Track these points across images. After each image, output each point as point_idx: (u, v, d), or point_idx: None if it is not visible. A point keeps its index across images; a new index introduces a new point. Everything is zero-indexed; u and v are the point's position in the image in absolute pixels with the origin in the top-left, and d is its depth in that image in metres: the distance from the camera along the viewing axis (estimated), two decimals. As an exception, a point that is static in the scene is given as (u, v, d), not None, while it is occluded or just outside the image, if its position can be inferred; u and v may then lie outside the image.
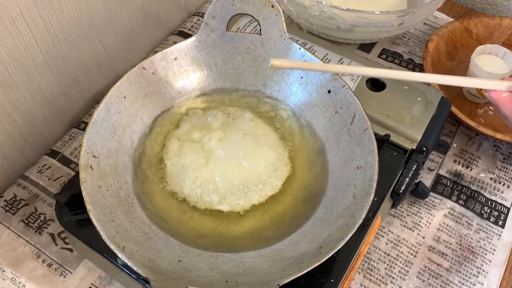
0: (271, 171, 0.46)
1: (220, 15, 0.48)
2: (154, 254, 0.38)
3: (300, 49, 0.49)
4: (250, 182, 0.45)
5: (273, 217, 0.44)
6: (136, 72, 0.47)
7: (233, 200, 0.44)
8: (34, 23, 0.49)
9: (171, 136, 0.48)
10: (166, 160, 0.47)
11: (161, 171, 0.47)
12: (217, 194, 0.44)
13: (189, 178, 0.45)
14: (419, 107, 0.54)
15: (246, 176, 0.45)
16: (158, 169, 0.47)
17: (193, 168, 0.45)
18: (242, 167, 0.45)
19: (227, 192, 0.45)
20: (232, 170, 0.45)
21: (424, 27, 0.74)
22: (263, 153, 0.46)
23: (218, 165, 0.45)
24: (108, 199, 0.40)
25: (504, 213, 0.56)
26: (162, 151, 0.48)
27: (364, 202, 0.39)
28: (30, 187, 0.56)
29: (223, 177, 0.45)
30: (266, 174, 0.46)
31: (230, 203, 0.45)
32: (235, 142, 0.47)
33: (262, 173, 0.46)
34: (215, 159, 0.45)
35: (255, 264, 0.38)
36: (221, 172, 0.45)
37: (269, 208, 0.45)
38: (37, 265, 0.50)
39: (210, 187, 0.44)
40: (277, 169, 0.46)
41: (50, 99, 0.57)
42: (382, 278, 0.51)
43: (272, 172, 0.46)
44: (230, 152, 0.46)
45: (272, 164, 0.46)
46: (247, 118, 0.49)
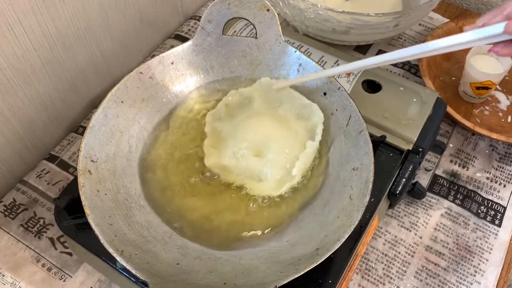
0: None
1: (216, 19, 0.49)
2: (152, 258, 0.38)
3: (295, 52, 0.49)
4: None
5: (270, 218, 0.45)
6: (133, 76, 0.47)
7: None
8: (31, 29, 0.49)
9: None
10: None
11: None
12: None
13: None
14: (414, 108, 0.54)
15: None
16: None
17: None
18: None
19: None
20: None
21: (419, 28, 0.75)
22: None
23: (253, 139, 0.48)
24: (106, 203, 0.41)
25: (500, 212, 0.57)
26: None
27: (360, 204, 0.39)
28: (29, 191, 0.56)
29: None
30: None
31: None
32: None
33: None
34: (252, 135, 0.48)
35: (253, 266, 0.39)
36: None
37: (268, 210, 0.46)
38: (37, 269, 0.51)
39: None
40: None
41: (48, 104, 0.57)
42: (380, 278, 0.52)
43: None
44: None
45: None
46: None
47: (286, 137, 0.48)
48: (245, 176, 0.47)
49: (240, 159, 0.47)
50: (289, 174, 0.46)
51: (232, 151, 0.47)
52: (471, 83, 0.63)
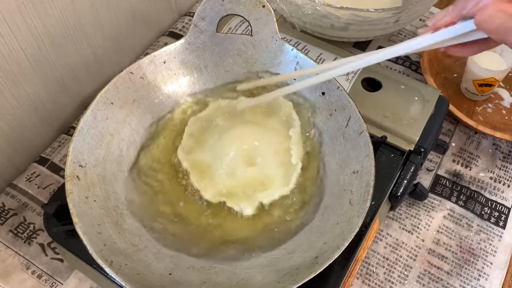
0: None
1: (210, 16, 0.47)
2: (143, 267, 0.37)
3: (292, 50, 0.48)
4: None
5: (266, 224, 0.43)
6: (124, 77, 0.46)
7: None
8: (18, 28, 0.47)
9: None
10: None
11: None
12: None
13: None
14: (416, 107, 0.53)
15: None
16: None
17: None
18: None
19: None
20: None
21: (420, 24, 0.73)
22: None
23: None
24: (95, 210, 0.39)
25: (504, 214, 0.55)
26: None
27: (361, 209, 0.38)
28: (18, 196, 0.54)
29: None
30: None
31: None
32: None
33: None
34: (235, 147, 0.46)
35: (248, 275, 0.37)
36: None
37: (262, 215, 0.44)
38: (27, 277, 0.49)
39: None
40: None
41: (37, 105, 0.55)
42: (381, 283, 0.50)
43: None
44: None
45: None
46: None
47: (267, 136, 0.47)
48: (252, 189, 0.45)
49: (237, 176, 0.45)
50: (290, 165, 0.45)
51: (224, 173, 0.45)
52: (474, 80, 0.61)
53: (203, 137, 0.48)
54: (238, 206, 0.44)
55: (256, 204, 0.44)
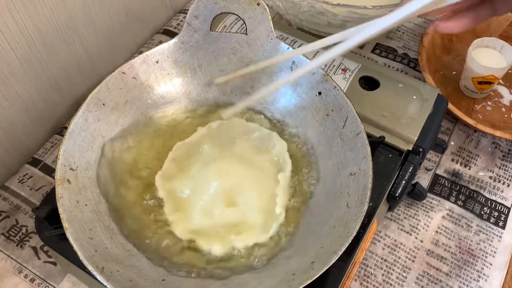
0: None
1: (203, 14, 0.46)
2: (136, 274, 0.36)
3: (288, 48, 0.46)
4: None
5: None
6: (116, 77, 0.44)
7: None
8: (7, 27, 0.46)
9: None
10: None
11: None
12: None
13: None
14: (414, 106, 0.52)
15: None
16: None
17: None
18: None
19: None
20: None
21: (419, 20, 0.72)
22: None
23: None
24: (86, 214, 0.38)
25: (504, 214, 0.54)
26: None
27: (358, 212, 0.37)
28: (10, 198, 0.54)
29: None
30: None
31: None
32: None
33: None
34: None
35: (243, 281, 0.36)
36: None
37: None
38: (19, 281, 0.48)
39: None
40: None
41: (29, 106, 0.54)
42: (379, 285, 0.49)
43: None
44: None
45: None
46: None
47: (254, 176, 0.43)
48: (226, 231, 0.41)
49: (214, 215, 0.41)
50: (273, 214, 0.42)
51: (201, 209, 0.42)
52: (473, 77, 0.60)
53: (187, 164, 0.45)
54: (208, 246, 0.40)
55: (228, 246, 0.40)
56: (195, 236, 0.41)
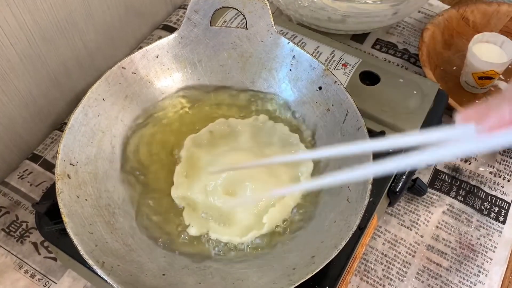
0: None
1: (203, 9, 0.46)
2: (136, 268, 0.36)
3: (288, 43, 0.46)
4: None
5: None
6: (115, 72, 0.44)
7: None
8: (6, 22, 0.46)
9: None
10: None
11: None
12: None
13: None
14: (415, 101, 0.52)
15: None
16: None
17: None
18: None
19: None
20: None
21: (419, 15, 0.72)
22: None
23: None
24: (87, 209, 0.38)
25: (504, 209, 0.54)
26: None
27: (359, 207, 0.37)
28: (10, 194, 0.53)
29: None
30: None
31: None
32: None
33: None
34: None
35: (244, 275, 0.36)
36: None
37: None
38: (20, 277, 0.48)
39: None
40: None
41: (29, 101, 0.54)
42: (380, 280, 0.49)
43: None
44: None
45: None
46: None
47: (265, 180, 0.42)
48: (210, 216, 0.41)
49: (210, 195, 0.42)
50: (259, 221, 0.41)
51: (203, 185, 0.42)
52: (473, 72, 0.60)
53: (218, 142, 0.45)
54: (187, 221, 0.41)
55: (203, 230, 0.41)
56: (185, 205, 0.42)
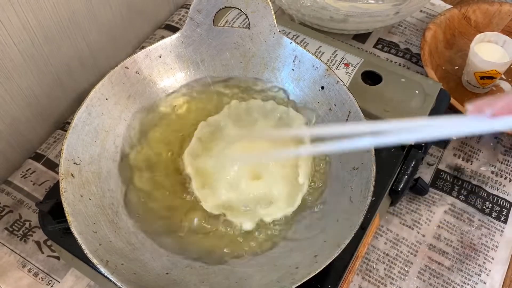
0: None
1: (206, 9, 0.46)
2: (140, 267, 0.36)
3: (291, 43, 0.46)
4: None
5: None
6: (119, 71, 0.45)
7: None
8: (10, 21, 0.46)
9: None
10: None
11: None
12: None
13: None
14: (417, 101, 0.52)
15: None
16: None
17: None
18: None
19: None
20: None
21: (421, 15, 0.72)
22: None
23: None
24: (90, 208, 0.38)
25: (506, 208, 0.54)
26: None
27: (361, 206, 0.37)
28: (14, 193, 0.54)
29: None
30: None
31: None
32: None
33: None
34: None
35: (247, 274, 0.37)
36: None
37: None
38: (23, 275, 0.49)
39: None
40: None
41: (32, 101, 0.54)
42: (382, 279, 0.49)
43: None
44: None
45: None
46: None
47: (275, 150, 0.44)
48: (255, 204, 0.42)
49: (241, 188, 0.42)
50: (297, 184, 0.43)
51: (227, 183, 0.43)
52: (475, 72, 0.60)
53: (211, 144, 0.45)
54: (238, 220, 0.42)
55: (257, 220, 0.42)
56: (224, 211, 0.42)
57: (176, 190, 0.44)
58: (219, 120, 0.47)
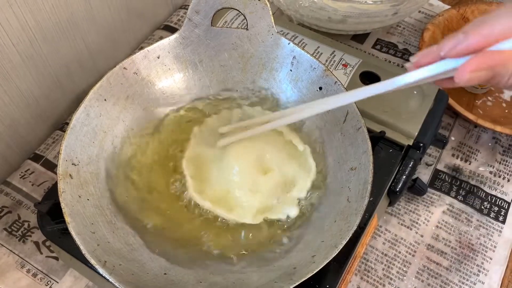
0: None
1: (204, 9, 0.46)
2: (138, 268, 0.36)
3: (289, 44, 0.47)
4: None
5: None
6: (117, 72, 0.45)
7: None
8: (8, 22, 0.46)
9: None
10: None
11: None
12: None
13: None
14: (415, 101, 0.52)
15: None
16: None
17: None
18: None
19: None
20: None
21: (419, 15, 0.72)
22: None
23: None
24: (89, 209, 0.38)
25: (504, 208, 0.54)
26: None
27: (358, 207, 0.37)
28: (13, 193, 0.54)
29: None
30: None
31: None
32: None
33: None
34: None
35: (245, 275, 0.37)
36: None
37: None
38: (21, 276, 0.49)
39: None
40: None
41: (30, 102, 0.54)
42: (380, 280, 0.49)
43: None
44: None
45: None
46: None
47: (273, 145, 0.45)
48: (283, 192, 0.43)
49: (261, 187, 0.43)
50: (301, 154, 0.45)
51: (247, 190, 0.43)
52: (474, 73, 0.60)
53: (210, 149, 0.45)
54: (281, 214, 0.42)
55: (296, 202, 0.43)
56: (264, 215, 0.42)
57: (175, 191, 0.44)
58: (213, 126, 0.47)
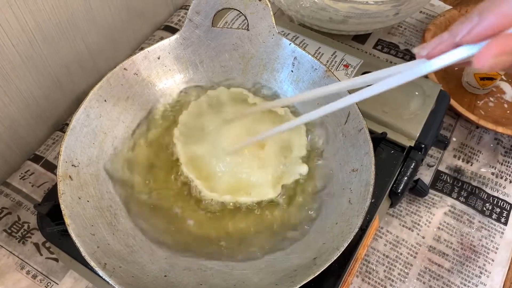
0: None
1: (205, 10, 0.46)
2: (138, 270, 0.36)
3: (290, 44, 0.46)
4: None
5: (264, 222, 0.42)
6: (117, 73, 0.44)
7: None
8: (8, 23, 0.46)
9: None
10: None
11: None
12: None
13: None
14: (417, 102, 0.52)
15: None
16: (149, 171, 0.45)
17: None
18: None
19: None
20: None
21: (420, 16, 0.72)
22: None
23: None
24: (88, 211, 0.38)
25: (506, 210, 0.54)
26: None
27: (360, 208, 0.37)
28: (12, 194, 0.54)
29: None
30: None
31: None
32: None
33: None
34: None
35: (245, 277, 0.36)
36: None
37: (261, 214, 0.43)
38: (21, 277, 0.48)
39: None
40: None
41: (30, 102, 0.54)
42: (381, 281, 0.49)
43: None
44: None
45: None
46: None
47: (265, 122, 0.45)
48: (286, 158, 0.44)
49: (262, 157, 0.43)
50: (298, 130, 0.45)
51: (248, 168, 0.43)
52: (475, 73, 0.60)
53: (200, 130, 0.45)
54: (294, 175, 0.43)
55: (300, 160, 0.43)
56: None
57: (179, 192, 0.44)
58: (200, 109, 0.47)
